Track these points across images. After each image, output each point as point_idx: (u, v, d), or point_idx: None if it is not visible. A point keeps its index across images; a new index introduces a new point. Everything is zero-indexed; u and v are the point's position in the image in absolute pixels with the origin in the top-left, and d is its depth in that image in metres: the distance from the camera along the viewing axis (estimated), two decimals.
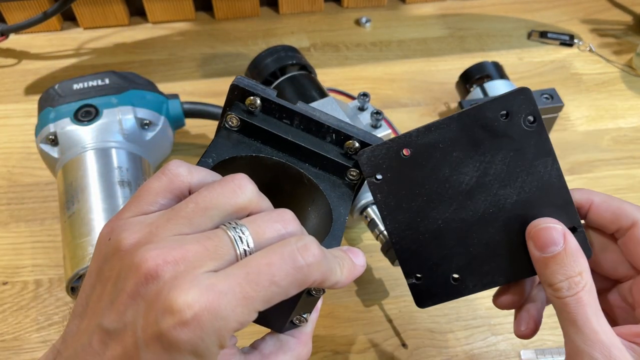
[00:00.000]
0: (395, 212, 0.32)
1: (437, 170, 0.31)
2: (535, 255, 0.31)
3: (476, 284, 0.32)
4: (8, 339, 0.47)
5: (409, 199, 0.32)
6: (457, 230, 0.32)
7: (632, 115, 0.64)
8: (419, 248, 0.32)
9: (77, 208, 0.45)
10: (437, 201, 0.31)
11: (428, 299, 0.33)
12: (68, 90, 0.52)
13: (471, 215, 0.31)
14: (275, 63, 0.55)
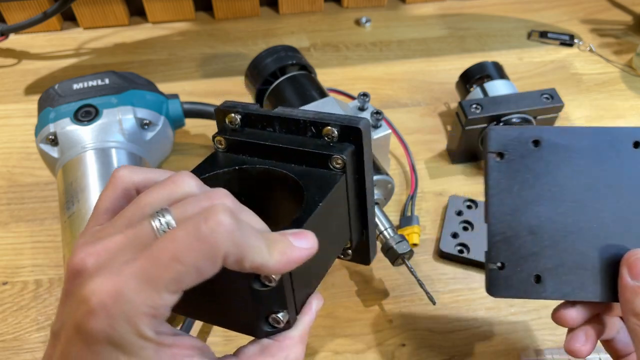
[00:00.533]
0: (503, 194, 0.33)
1: (558, 171, 0.33)
2: (627, 283, 0.31)
3: (555, 291, 0.33)
4: (8, 339, 0.47)
5: (522, 187, 0.33)
6: (556, 232, 0.33)
7: (633, 115, 0.64)
8: (513, 237, 0.33)
9: (77, 208, 0.45)
10: (547, 199, 0.33)
11: (503, 289, 0.33)
12: (68, 90, 0.52)
13: (573, 223, 0.33)
14: (275, 63, 0.55)
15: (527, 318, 0.48)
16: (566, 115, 0.64)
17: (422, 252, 0.52)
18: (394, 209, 0.55)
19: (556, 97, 0.54)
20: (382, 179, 0.47)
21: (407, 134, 0.60)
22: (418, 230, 0.52)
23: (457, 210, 0.53)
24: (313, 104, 0.50)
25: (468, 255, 0.50)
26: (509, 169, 0.33)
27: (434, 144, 0.61)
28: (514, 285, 0.33)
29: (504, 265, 0.33)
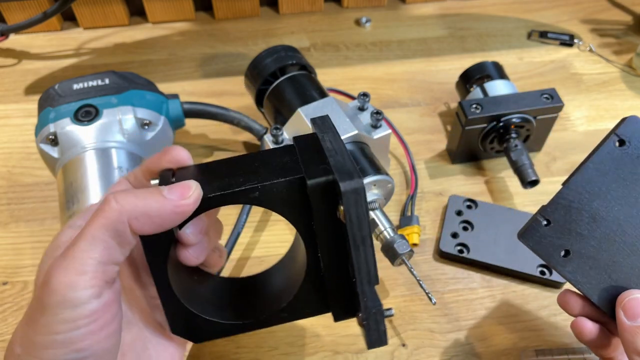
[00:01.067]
0: (596, 174, 0.34)
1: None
2: (624, 324, 0.32)
3: (572, 272, 0.36)
4: (8, 338, 0.47)
5: (616, 180, 0.34)
6: (611, 232, 0.35)
7: None
8: (575, 210, 0.35)
9: (77, 208, 0.45)
10: (627, 204, 0.34)
11: (533, 240, 0.35)
12: (68, 90, 0.52)
13: (628, 234, 0.35)
14: (275, 63, 0.55)
15: (527, 318, 0.48)
16: (566, 115, 0.64)
17: (422, 252, 0.52)
18: (394, 209, 0.55)
19: (556, 97, 0.55)
20: (382, 179, 0.47)
21: (407, 134, 0.60)
22: (418, 230, 0.52)
23: (457, 210, 0.53)
24: (313, 104, 0.50)
25: (468, 255, 0.50)
26: (619, 158, 0.34)
27: (434, 144, 0.61)
28: (544, 244, 0.35)
29: (549, 223, 0.35)
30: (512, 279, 0.50)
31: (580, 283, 0.35)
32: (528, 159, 0.53)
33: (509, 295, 0.49)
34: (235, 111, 0.57)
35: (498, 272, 0.50)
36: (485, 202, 0.54)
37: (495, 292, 0.49)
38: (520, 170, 0.52)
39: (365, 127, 0.50)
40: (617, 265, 0.34)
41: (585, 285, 0.35)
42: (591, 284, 0.35)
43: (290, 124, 0.50)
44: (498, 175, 0.58)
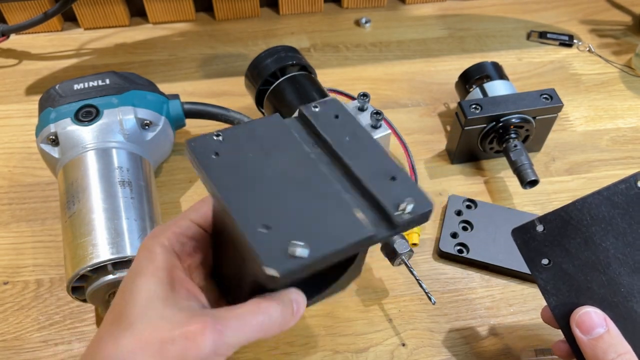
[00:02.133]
0: None
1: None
2: (583, 340, 0.33)
3: (546, 283, 0.37)
4: (9, 338, 0.47)
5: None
6: (600, 264, 0.36)
7: (631, 116, 0.64)
8: (568, 237, 0.36)
9: (77, 208, 0.46)
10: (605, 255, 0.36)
11: (523, 239, 0.37)
12: (69, 91, 0.52)
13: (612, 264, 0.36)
14: (275, 63, 0.55)
15: (527, 318, 0.48)
16: (565, 115, 0.64)
17: (421, 251, 0.52)
18: None
19: (555, 98, 0.55)
20: None
21: (406, 134, 0.60)
22: (418, 230, 0.52)
23: (457, 210, 0.53)
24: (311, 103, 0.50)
25: (467, 255, 0.50)
26: (633, 197, 0.35)
27: (433, 144, 0.61)
28: (531, 246, 0.37)
29: (544, 230, 0.36)
30: (512, 279, 0.50)
31: (548, 293, 0.36)
32: (527, 159, 0.53)
33: (509, 295, 0.49)
34: (236, 111, 0.57)
35: (497, 272, 0.50)
36: (485, 202, 0.54)
37: (495, 292, 0.50)
38: (520, 170, 0.53)
39: (365, 127, 0.50)
40: (589, 291, 0.35)
41: (552, 296, 0.36)
42: (557, 298, 0.36)
43: None
44: (497, 175, 0.58)
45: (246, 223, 0.27)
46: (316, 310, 0.48)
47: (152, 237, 0.32)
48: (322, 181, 0.30)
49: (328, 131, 0.32)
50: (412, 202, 0.28)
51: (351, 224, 0.28)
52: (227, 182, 0.30)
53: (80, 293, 0.45)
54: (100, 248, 0.43)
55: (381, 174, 0.30)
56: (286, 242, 0.26)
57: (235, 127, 0.33)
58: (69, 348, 0.47)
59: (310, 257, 0.26)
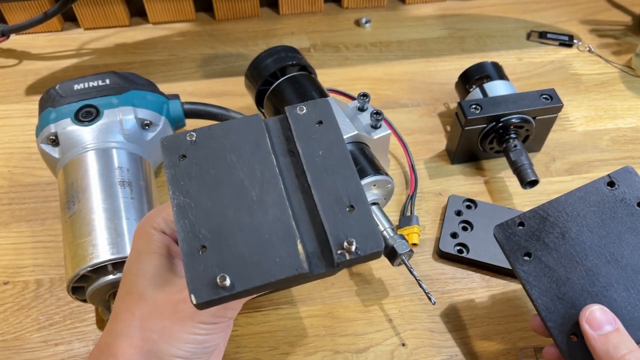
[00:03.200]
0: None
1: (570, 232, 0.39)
2: (593, 336, 0.34)
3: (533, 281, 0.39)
4: (9, 338, 0.47)
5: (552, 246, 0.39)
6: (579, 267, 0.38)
7: (631, 116, 0.64)
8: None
9: (78, 208, 0.46)
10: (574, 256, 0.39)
11: (506, 236, 0.40)
12: (69, 91, 0.52)
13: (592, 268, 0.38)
14: (275, 63, 0.56)
15: (527, 318, 0.48)
16: (565, 115, 0.64)
17: (421, 252, 0.52)
18: (393, 209, 0.55)
19: (555, 98, 0.55)
20: (382, 179, 0.47)
21: (406, 134, 0.60)
22: (418, 230, 0.52)
23: (457, 210, 0.53)
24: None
25: (467, 255, 0.50)
26: (604, 196, 0.40)
27: (433, 144, 0.61)
28: (511, 241, 0.40)
29: (523, 226, 0.40)
30: (512, 279, 0.50)
31: (530, 284, 0.38)
32: (527, 159, 0.53)
33: (509, 295, 0.49)
34: (236, 111, 0.57)
35: (497, 272, 0.50)
36: (485, 202, 0.54)
37: (495, 292, 0.50)
38: (520, 170, 0.53)
39: (365, 128, 0.50)
40: (570, 282, 0.37)
41: (534, 288, 0.38)
42: (539, 289, 0.38)
43: None
44: (497, 175, 0.58)
45: (186, 240, 0.28)
46: (316, 310, 0.48)
47: (145, 222, 0.34)
48: (277, 202, 0.29)
49: (303, 141, 0.31)
50: (358, 241, 0.28)
51: (287, 258, 0.28)
52: (184, 190, 0.30)
53: (81, 293, 0.45)
54: (101, 248, 0.43)
55: (339, 202, 0.29)
56: (215, 270, 0.27)
57: (211, 127, 0.32)
58: (69, 348, 0.47)
59: (233, 290, 0.27)
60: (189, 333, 0.31)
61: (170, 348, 0.31)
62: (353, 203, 0.29)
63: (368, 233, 0.28)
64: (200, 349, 0.32)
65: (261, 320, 0.48)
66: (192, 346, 0.31)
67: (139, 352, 0.31)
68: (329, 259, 0.28)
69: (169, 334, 0.31)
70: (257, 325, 0.48)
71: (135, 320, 0.31)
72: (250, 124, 0.32)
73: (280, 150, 0.32)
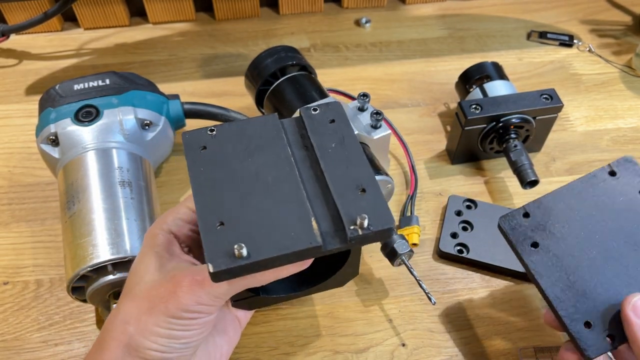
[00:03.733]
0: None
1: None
2: (636, 323, 0.34)
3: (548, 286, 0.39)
4: (9, 338, 0.47)
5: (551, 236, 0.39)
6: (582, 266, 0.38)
7: (631, 116, 0.64)
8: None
9: (78, 208, 0.46)
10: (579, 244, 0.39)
11: (509, 225, 0.40)
12: (69, 91, 0.52)
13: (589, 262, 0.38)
14: (275, 63, 0.55)
15: (527, 318, 0.48)
16: (565, 115, 0.64)
17: (421, 252, 0.52)
18: (393, 209, 0.55)
19: (555, 98, 0.55)
20: (382, 179, 0.47)
21: (406, 134, 0.60)
22: (418, 231, 0.52)
23: (457, 210, 0.53)
24: (313, 104, 0.50)
25: (467, 255, 0.50)
26: (607, 185, 0.40)
27: (433, 144, 0.61)
28: (517, 232, 0.39)
29: (528, 216, 0.40)
30: (512, 279, 0.50)
31: (539, 274, 0.38)
32: (527, 159, 0.53)
33: (509, 296, 0.49)
34: (236, 111, 0.57)
35: (497, 272, 0.50)
36: (485, 202, 0.54)
37: (495, 292, 0.50)
38: (520, 170, 0.53)
39: (365, 128, 0.50)
40: (579, 270, 0.37)
41: (543, 277, 0.38)
42: (549, 279, 0.38)
43: None
44: (497, 175, 0.58)
45: (205, 216, 0.29)
46: (316, 310, 0.48)
47: (156, 223, 0.36)
48: (291, 186, 0.31)
49: (317, 135, 0.33)
50: (370, 218, 0.29)
51: (301, 232, 0.29)
52: (203, 175, 0.31)
53: (81, 293, 0.45)
54: (101, 248, 0.43)
55: (352, 185, 0.31)
56: (233, 241, 0.28)
57: (230, 123, 0.34)
58: (69, 348, 0.47)
59: (249, 259, 0.28)
60: (163, 327, 0.31)
61: (145, 341, 0.31)
62: (365, 186, 0.30)
63: (380, 211, 0.29)
64: (178, 345, 0.32)
65: (261, 320, 0.48)
66: (167, 341, 0.32)
67: (120, 345, 0.32)
68: (342, 235, 0.29)
69: (143, 327, 0.31)
70: (257, 325, 0.48)
71: (120, 315, 0.32)
72: (267, 122, 0.34)
73: (295, 145, 0.33)
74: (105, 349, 0.32)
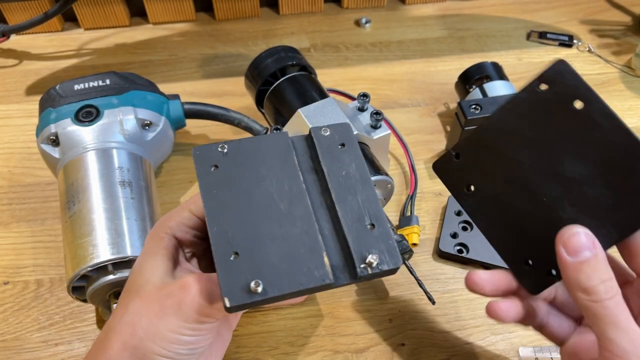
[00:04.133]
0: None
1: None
2: (566, 261, 0.31)
3: None
4: (9, 338, 0.47)
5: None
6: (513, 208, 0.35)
7: (631, 116, 0.64)
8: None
9: (78, 208, 0.46)
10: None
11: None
12: (69, 91, 0.52)
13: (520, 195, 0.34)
14: (275, 64, 0.56)
15: None
16: None
17: (421, 252, 0.52)
18: (393, 209, 0.55)
19: None
20: (382, 179, 0.47)
21: (406, 134, 0.60)
22: (418, 230, 0.52)
23: (457, 210, 0.53)
24: (313, 105, 0.50)
25: (467, 255, 0.50)
26: (537, 102, 0.34)
27: (433, 144, 0.61)
28: (452, 177, 0.37)
29: (458, 157, 0.36)
30: None
31: (477, 218, 0.36)
32: None
33: None
34: (236, 112, 0.57)
35: None
36: None
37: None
38: None
39: (365, 128, 0.50)
40: (515, 208, 0.34)
41: (481, 221, 0.36)
42: (487, 221, 0.36)
43: (291, 124, 0.50)
44: None
45: (219, 245, 0.30)
46: (316, 310, 0.48)
47: (159, 225, 0.35)
48: (304, 215, 0.31)
49: (327, 161, 0.33)
50: (380, 257, 0.30)
51: (314, 269, 0.29)
52: (216, 198, 0.31)
53: (81, 293, 0.45)
54: (101, 248, 0.43)
55: (361, 220, 0.31)
56: (249, 276, 0.28)
57: (241, 140, 0.34)
58: (69, 348, 0.47)
59: (266, 296, 0.28)
60: (174, 332, 0.31)
61: (154, 346, 0.31)
62: (374, 222, 0.31)
63: (388, 250, 0.30)
64: (185, 350, 0.32)
65: (261, 320, 0.48)
66: (176, 346, 0.31)
67: (126, 348, 0.31)
68: (353, 272, 0.30)
69: (154, 331, 0.31)
70: (257, 325, 0.48)
71: (128, 316, 0.32)
72: (278, 141, 0.34)
73: (305, 167, 0.33)
74: (109, 348, 0.32)
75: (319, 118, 0.48)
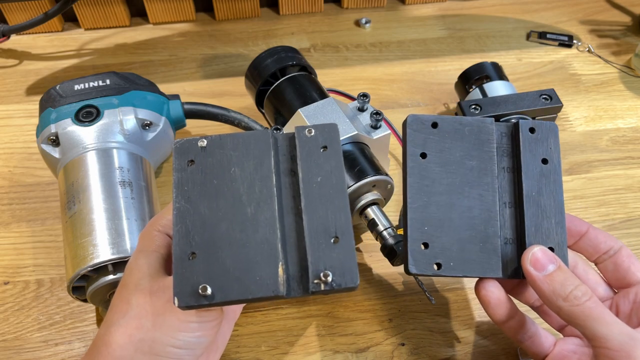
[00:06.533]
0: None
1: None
2: (538, 278, 0.34)
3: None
4: (9, 338, 0.47)
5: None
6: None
7: (631, 116, 0.64)
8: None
9: (78, 208, 0.46)
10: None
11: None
12: (69, 91, 0.52)
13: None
14: (275, 64, 0.56)
15: None
16: (565, 115, 0.64)
17: None
18: (393, 209, 0.55)
19: (555, 98, 0.55)
20: (382, 179, 0.47)
21: None
22: None
23: None
24: (313, 105, 0.50)
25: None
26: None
27: None
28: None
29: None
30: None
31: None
32: None
33: None
34: (236, 112, 0.57)
35: None
36: None
37: None
38: None
39: (364, 128, 0.50)
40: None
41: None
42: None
43: (291, 124, 0.50)
44: None
45: (179, 243, 0.30)
46: (316, 310, 0.49)
47: (151, 223, 0.36)
48: (268, 222, 0.31)
49: (305, 164, 0.32)
50: (336, 274, 0.29)
51: (267, 278, 0.29)
52: (186, 195, 0.31)
53: (81, 293, 0.45)
54: (101, 248, 0.43)
55: (326, 232, 0.30)
56: (200, 278, 0.29)
57: (222, 136, 0.33)
58: (70, 348, 0.47)
59: (213, 300, 0.29)
60: (182, 321, 0.31)
61: (163, 336, 0.31)
62: (339, 235, 0.30)
63: (346, 267, 0.30)
64: (193, 339, 0.32)
65: (261, 320, 0.48)
66: (185, 334, 0.32)
67: (132, 341, 0.31)
68: (306, 285, 0.30)
69: (161, 321, 0.31)
70: (257, 325, 0.48)
71: (132, 310, 0.32)
72: (259, 139, 0.33)
73: (283, 168, 0.33)
74: (112, 343, 0.32)
75: (319, 118, 0.48)
